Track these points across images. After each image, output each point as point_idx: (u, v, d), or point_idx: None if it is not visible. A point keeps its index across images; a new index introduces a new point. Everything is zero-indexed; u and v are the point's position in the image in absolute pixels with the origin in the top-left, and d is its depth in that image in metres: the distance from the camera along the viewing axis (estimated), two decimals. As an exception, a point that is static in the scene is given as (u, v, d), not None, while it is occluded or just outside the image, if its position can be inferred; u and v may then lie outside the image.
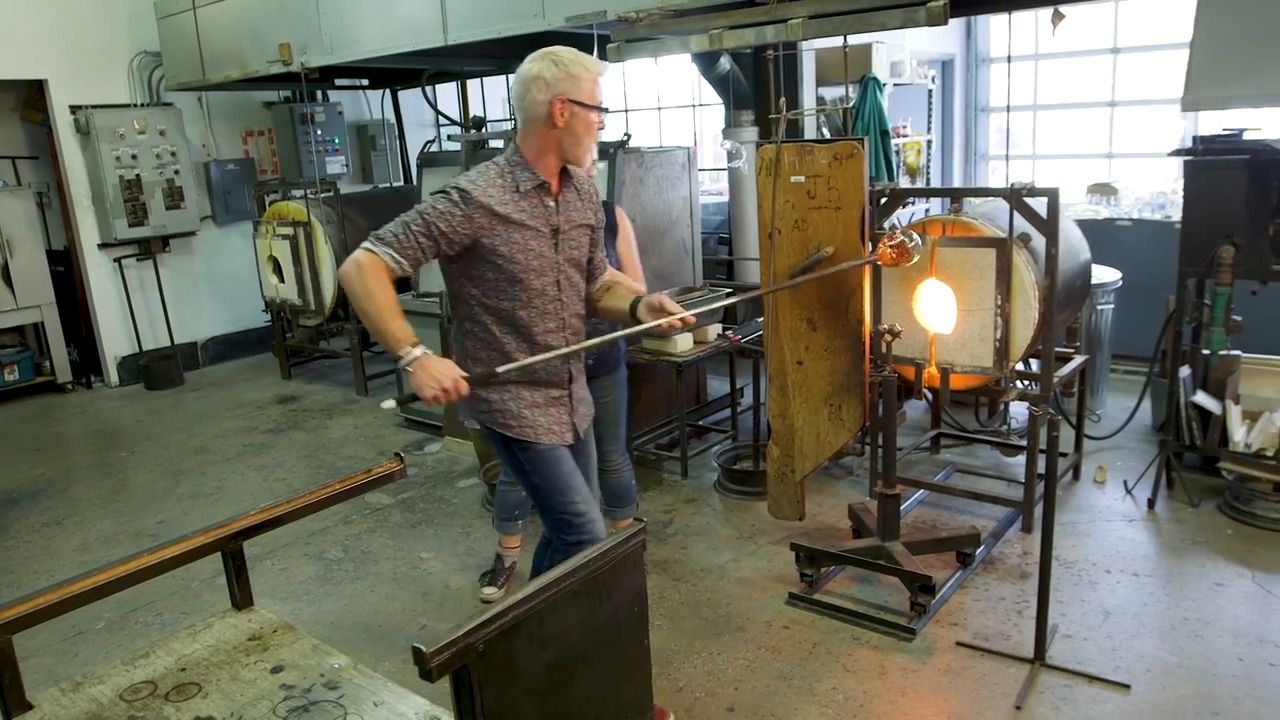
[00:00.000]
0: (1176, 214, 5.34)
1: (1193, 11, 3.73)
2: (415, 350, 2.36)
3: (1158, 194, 6.97)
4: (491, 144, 5.80)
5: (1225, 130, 4.16)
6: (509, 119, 7.61)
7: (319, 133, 8.17)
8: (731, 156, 5.94)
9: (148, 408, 7.14)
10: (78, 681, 2.20)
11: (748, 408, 5.30)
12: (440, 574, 4.11)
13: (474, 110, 8.46)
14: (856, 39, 4.46)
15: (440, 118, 8.42)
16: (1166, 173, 7.52)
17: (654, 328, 2.69)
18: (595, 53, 4.49)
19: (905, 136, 7.74)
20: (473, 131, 5.74)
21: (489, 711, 1.67)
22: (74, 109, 7.27)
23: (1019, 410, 5.15)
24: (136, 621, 3.84)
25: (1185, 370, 4.37)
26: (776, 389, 4.03)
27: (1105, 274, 5.32)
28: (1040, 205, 3.62)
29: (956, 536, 3.85)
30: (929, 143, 8.20)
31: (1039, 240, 3.71)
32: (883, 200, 3.97)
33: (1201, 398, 4.36)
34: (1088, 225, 5.35)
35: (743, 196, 6.02)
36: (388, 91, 8.82)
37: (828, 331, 3.87)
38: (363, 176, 9.01)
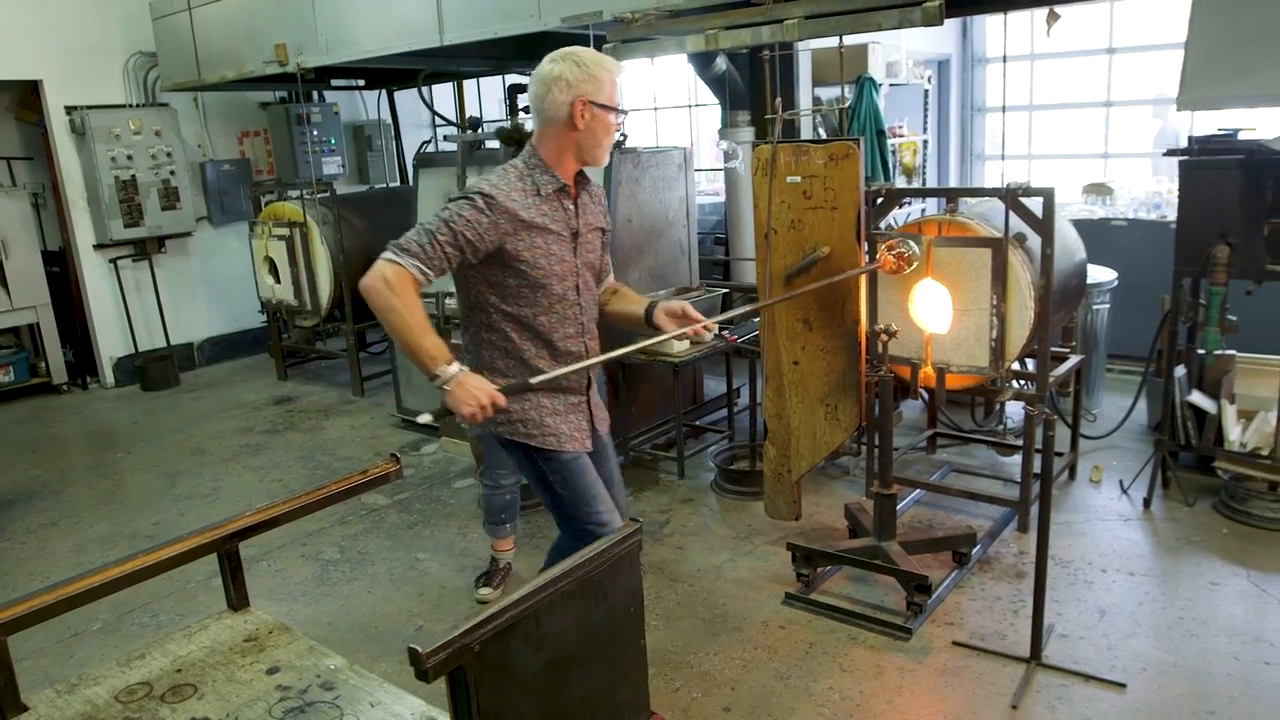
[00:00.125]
0: (1172, 214, 5.36)
1: (1187, 12, 3.74)
2: (452, 368, 2.29)
3: (1153, 194, 6.98)
4: (488, 144, 5.80)
5: (1220, 130, 4.17)
6: (505, 119, 7.60)
7: (315, 133, 8.17)
8: (728, 157, 5.95)
9: (143, 409, 7.13)
10: (73, 683, 2.20)
11: (744, 408, 5.30)
12: (437, 575, 4.11)
13: (470, 111, 8.46)
14: (852, 39, 4.47)
15: (436, 118, 8.42)
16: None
17: (679, 336, 2.67)
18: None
19: (901, 136, 7.75)
20: (469, 132, 5.73)
21: (485, 712, 1.67)
22: (69, 109, 7.26)
23: (1015, 410, 5.16)
24: (132, 623, 3.84)
25: (1181, 370, 4.38)
26: (773, 389, 4.03)
27: (1101, 274, 5.33)
28: (1036, 205, 3.62)
29: (952, 536, 3.86)
30: (925, 143, 8.21)
31: (1034, 240, 3.72)
32: (879, 200, 3.97)
33: (1197, 397, 4.37)
34: (1083, 225, 5.36)
35: (739, 197, 6.03)
36: (384, 92, 8.82)
37: (824, 332, 3.87)
38: (359, 177, 9.01)
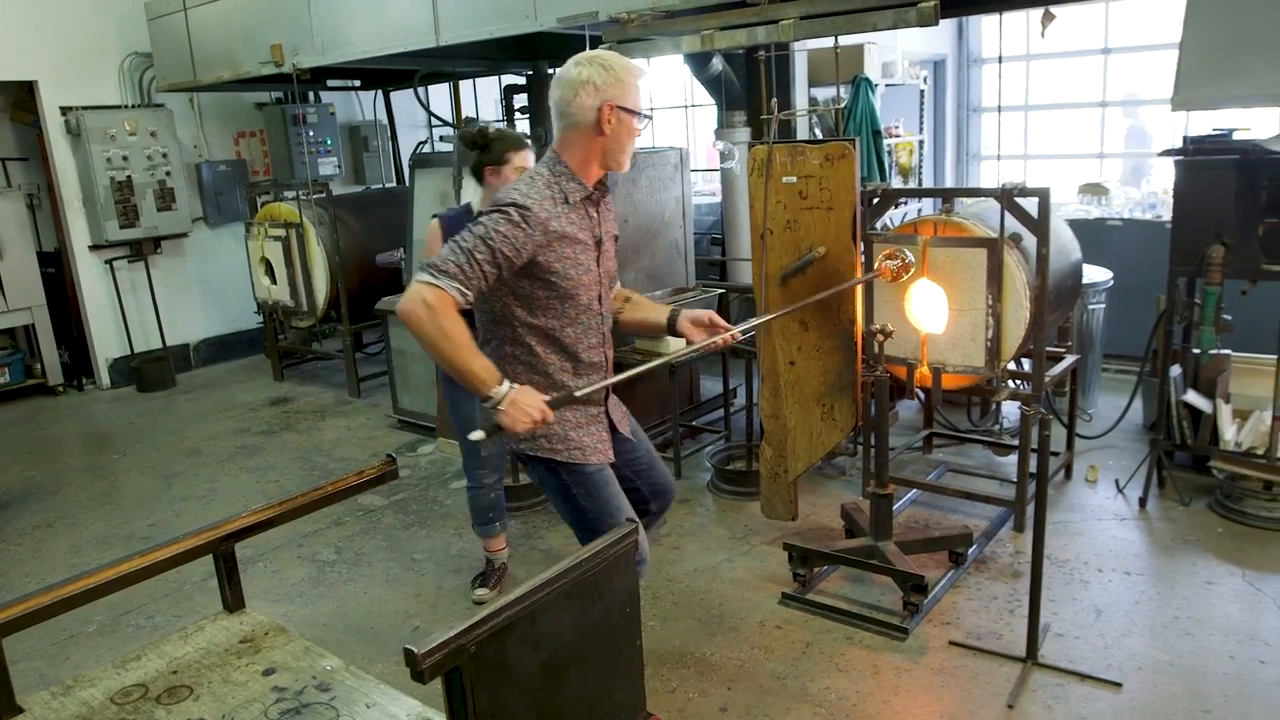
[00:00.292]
0: (1167, 214, 5.36)
1: (1182, 12, 3.74)
2: (503, 387, 2.26)
3: (1148, 194, 7.00)
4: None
5: (1215, 130, 4.17)
6: (501, 120, 7.61)
7: (311, 134, 8.16)
8: (724, 157, 5.95)
9: (139, 410, 7.11)
10: (68, 685, 2.19)
11: (741, 408, 5.30)
12: (433, 575, 4.10)
13: (466, 111, 8.46)
14: (848, 40, 4.46)
15: (433, 119, 8.41)
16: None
17: (708, 346, 2.65)
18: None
19: (897, 137, 7.76)
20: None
21: (481, 713, 1.67)
22: (64, 110, 7.24)
23: (1011, 410, 5.16)
24: (128, 624, 3.83)
25: (1176, 369, 4.39)
26: (769, 389, 4.03)
27: (1096, 274, 5.34)
28: (1031, 205, 3.63)
29: (949, 536, 3.86)
30: (921, 143, 8.22)
31: (1030, 240, 3.73)
32: (874, 200, 3.98)
33: (1192, 397, 4.38)
34: (1079, 225, 5.37)
35: (735, 197, 6.03)
36: (380, 92, 8.81)
37: (820, 332, 3.87)
38: (355, 178, 9.00)
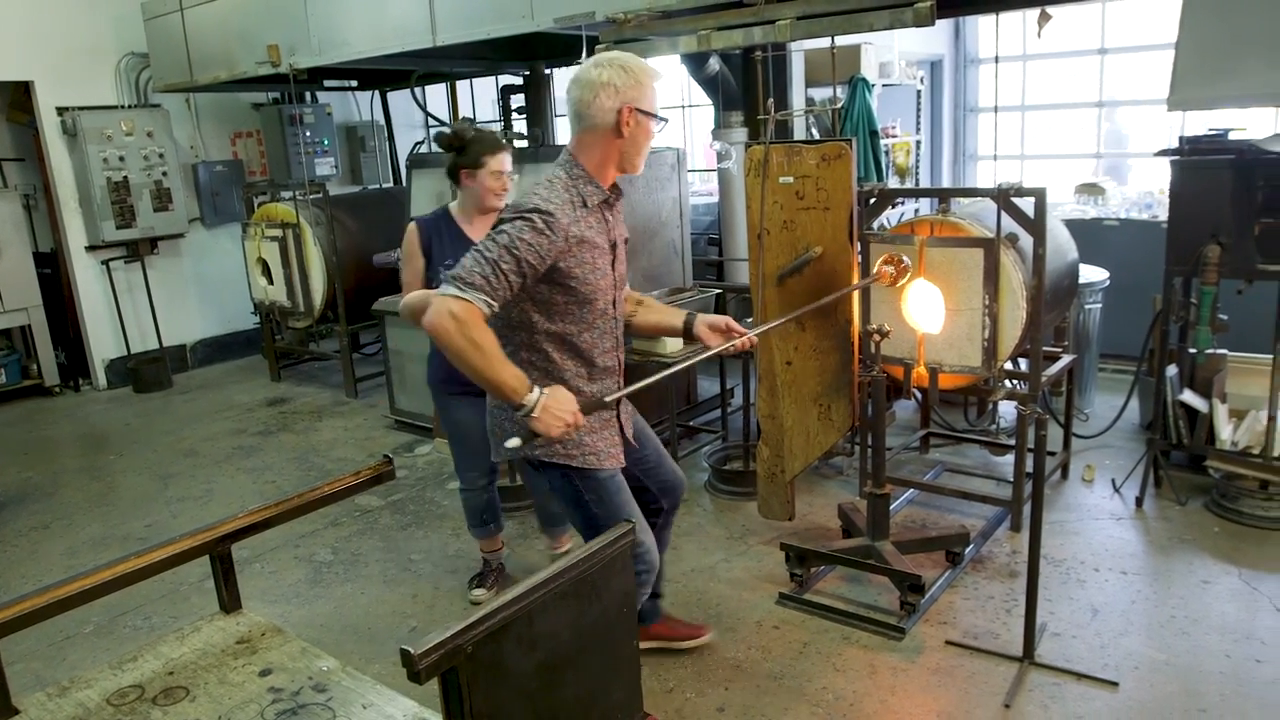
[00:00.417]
0: (1163, 214, 5.37)
1: (1178, 13, 3.75)
2: (534, 394, 2.23)
3: (1145, 194, 7.01)
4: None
5: (1211, 130, 4.18)
6: (498, 120, 7.60)
7: (308, 134, 8.15)
8: (721, 157, 5.95)
9: (136, 410, 7.10)
10: (65, 686, 2.19)
11: (738, 408, 5.30)
12: (430, 576, 4.10)
13: (463, 111, 8.45)
14: (845, 40, 4.47)
15: (429, 119, 8.41)
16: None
17: (726, 350, 2.65)
18: (583, 54, 4.51)
19: (894, 137, 7.77)
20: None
21: (478, 713, 1.67)
22: (60, 110, 7.23)
23: (1007, 409, 5.17)
24: (125, 625, 3.83)
25: (1172, 369, 4.40)
26: (766, 389, 4.04)
27: (1093, 273, 5.35)
28: (1027, 205, 3.64)
29: (946, 536, 3.86)
30: (918, 143, 8.23)
31: (1026, 240, 3.73)
32: (871, 201, 3.98)
33: (1188, 396, 4.39)
34: (1075, 225, 5.38)
35: (732, 197, 6.02)
36: (377, 93, 8.80)
37: (817, 332, 3.87)
38: (352, 178, 9.00)
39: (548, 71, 6.96)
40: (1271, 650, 3.17)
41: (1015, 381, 4.28)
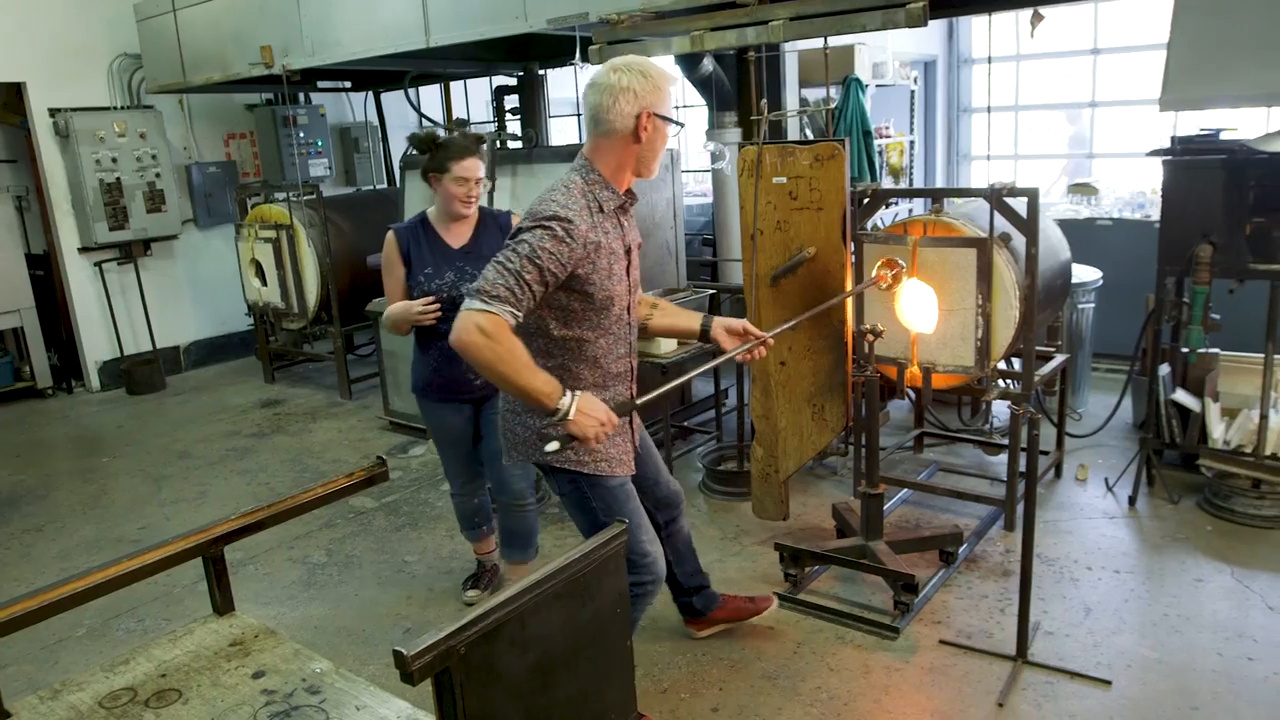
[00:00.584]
0: (1156, 213, 5.39)
1: (1170, 13, 3.76)
2: (567, 399, 2.23)
3: (1137, 194, 7.03)
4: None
5: (1202, 130, 4.20)
6: (492, 121, 7.59)
7: (301, 135, 8.15)
8: (715, 158, 5.95)
9: (129, 413, 7.08)
10: (57, 689, 2.18)
11: (732, 409, 5.31)
12: (424, 577, 4.10)
13: (457, 112, 8.45)
14: (838, 40, 4.48)
15: (423, 120, 8.40)
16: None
17: (744, 353, 2.65)
18: (577, 55, 4.51)
19: (888, 137, 7.78)
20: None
21: (471, 714, 1.67)
22: (53, 112, 7.21)
23: (1001, 409, 5.18)
24: (118, 628, 3.82)
25: (1165, 368, 4.41)
26: (760, 390, 4.04)
27: (1086, 273, 5.36)
28: (1020, 205, 3.65)
29: (939, 535, 3.87)
30: (911, 143, 8.25)
31: (1019, 240, 3.74)
32: (864, 201, 3.99)
33: (1181, 395, 4.40)
34: (1068, 225, 5.39)
35: (726, 198, 6.03)
36: (370, 94, 8.80)
37: (811, 332, 3.88)
38: (346, 179, 8.99)
39: (542, 72, 6.95)
40: (1263, 648, 3.18)
41: (1008, 381, 4.29)
